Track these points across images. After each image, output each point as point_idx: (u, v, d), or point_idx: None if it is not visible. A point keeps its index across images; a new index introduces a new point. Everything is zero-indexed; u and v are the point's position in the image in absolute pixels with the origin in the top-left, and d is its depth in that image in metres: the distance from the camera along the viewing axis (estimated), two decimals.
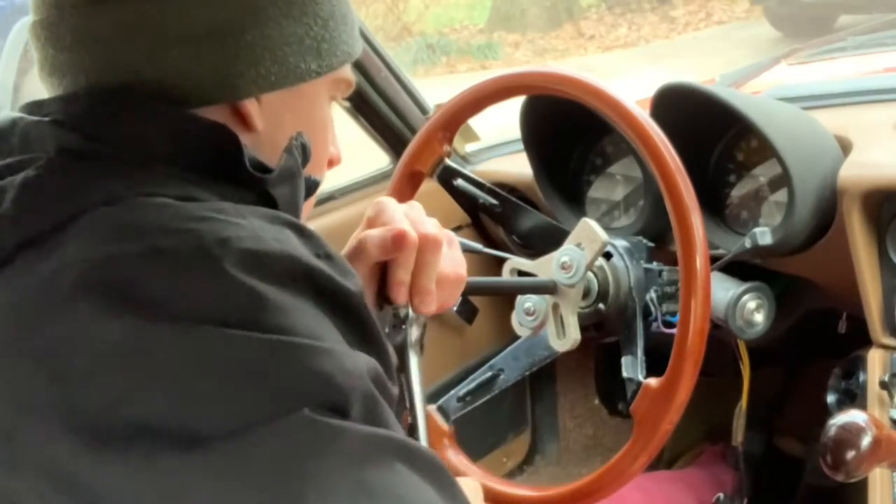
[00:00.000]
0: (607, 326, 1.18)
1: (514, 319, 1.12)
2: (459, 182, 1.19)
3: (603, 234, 1.05)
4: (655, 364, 1.08)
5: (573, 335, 1.08)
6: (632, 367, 1.09)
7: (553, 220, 1.16)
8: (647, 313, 1.17)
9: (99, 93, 0.69)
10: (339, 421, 0.57)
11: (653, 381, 1.03)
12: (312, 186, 0.78)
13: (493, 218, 1.19)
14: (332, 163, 0.83)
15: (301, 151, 0.73)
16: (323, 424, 0.56)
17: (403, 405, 0.83)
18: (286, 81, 0.72)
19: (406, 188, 1.21)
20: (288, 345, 0.57)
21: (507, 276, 1.13)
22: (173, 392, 0.55)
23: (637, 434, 1.02)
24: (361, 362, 0.61)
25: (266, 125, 0.73)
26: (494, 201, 1.20)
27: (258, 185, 0.69)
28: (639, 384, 1.04)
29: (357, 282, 0.66)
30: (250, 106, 0.72)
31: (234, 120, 0.71)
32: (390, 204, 0.85)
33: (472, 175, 1.20)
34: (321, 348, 0.58)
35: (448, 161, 1.19)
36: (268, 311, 0.58)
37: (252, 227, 0.63)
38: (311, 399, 0.56)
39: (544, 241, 1.12)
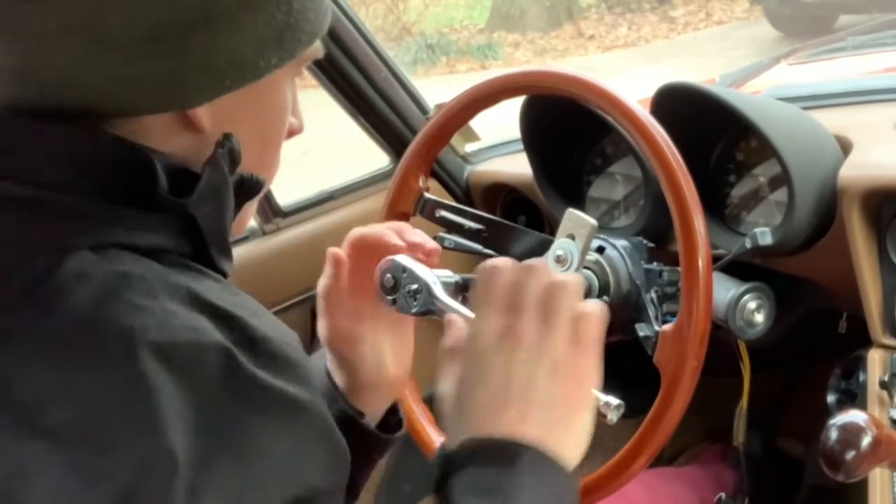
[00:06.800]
0: (616, 318, 1.18)
1: None
2: (443, 213, 1.20)
3: (590, 219, 1.04)
4: (650, 380, 1.07)
5: None
6: (647, 327, 1.09)
7: (542, 233, 1.15)
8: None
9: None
10: None
11: (668, 328, 1.03)
12: (255, 186, 0.70)
13: (481, 243, 1.18)
14: (291, 133, 0.75)
15: (229, 159, 0.65)
16: None
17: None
18: (242, 83, 0.63)
19: None
20: None
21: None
22: None
23: (665, 383, 1.01)
24: None
25: (215, 124, 0.64)
26: (480, 226, 1.20)
27: (177, 209, 0.62)
28: (657, 334, 1.04)
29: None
30: (200, 110, 0.63)
31: (178, 122, 0.63)
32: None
33: (452, 204, 1.20)
34: None
35: (427, 195, 1.21)
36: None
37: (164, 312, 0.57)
38: None
39: (536, 256, 1.10)
